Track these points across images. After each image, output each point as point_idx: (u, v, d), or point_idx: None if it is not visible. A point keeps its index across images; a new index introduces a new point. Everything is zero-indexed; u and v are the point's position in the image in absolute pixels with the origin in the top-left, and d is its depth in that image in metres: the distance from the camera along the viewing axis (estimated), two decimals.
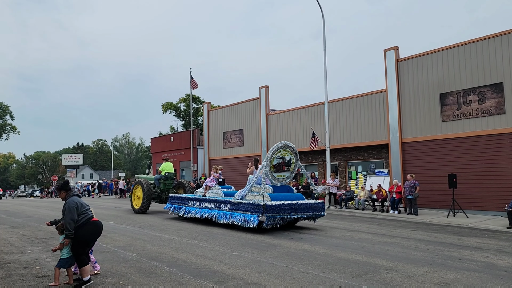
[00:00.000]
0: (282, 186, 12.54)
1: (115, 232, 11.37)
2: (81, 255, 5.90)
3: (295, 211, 11.57)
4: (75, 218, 5.83)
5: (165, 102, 55.80)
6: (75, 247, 5.86)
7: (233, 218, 11.86)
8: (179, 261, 7.52)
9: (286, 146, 12.23)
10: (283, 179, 12.47)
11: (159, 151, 39.80)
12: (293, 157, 12.48)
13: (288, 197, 12.02)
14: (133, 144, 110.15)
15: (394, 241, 9.78)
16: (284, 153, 12.30)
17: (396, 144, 18.97)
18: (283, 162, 12.33)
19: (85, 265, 5.90)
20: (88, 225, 5.98)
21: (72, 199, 5.95)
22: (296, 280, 6.16)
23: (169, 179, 17.82)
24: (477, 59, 16.46)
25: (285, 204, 11.36)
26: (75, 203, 5.90)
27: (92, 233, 6.08)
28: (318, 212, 12.25)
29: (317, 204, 12.21)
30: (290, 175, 12.66)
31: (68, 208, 5.81)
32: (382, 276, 6.43)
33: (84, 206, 6.03)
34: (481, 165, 16.10)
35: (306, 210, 11.90)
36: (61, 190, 6.12)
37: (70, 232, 5.76)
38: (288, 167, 12.48)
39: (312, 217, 12.31)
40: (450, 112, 17.21)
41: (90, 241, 6.12)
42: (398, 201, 16.38)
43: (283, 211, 11.29)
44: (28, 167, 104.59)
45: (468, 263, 7.39)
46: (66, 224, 5.75)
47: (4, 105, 64.37)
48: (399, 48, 19.36)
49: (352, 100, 21.55)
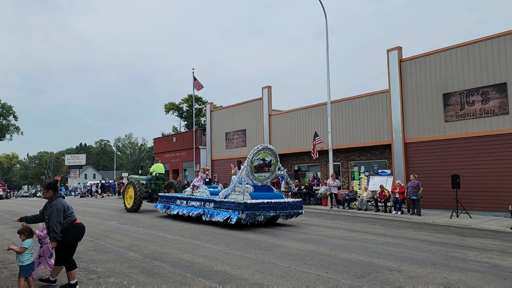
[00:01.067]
0: (263, 185, 13.40)
1: (118, 232, 11.40)
2: (70, 258, 5.80)
3: (273, 209, 12.43)
4: (62, 221, 5.67)
5: (168, 102, 55.93)
6: (63, 251, 5.73)
7: (217, 215, 12.58)
8: (182, 261, 7.53)
9: (266, 149, 13.31)
10: (264, 179, 13.41)
11: (162, 152, 39.87)
12: (273, 158, 13.45)
13: (268, 196, 12.86)
14: (135, 144, 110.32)
15: (397, 242, 9.76)
16: (265, 154, 13.33)
17: (399, 145, 18.93)
18: (263, 163, 13.34)
19: (74, 268, 5.83)
20: (73, 228, 5.86)
21: (59, 200, 5.80)
22: (299, 281, 6.16)
23: (160, 179, 18.57)
24: (481, 59, 16.41)
25: (264, 203, 12.21)
26: (62, 206, 5.75)
27: (77, 235, 5.95)
28: (296, 210, 13.05)
29: (295, 203, 13.05)
30: (270, 176, 13.58)
31: (56, 211, 5.64)
32: (386, 276, 6.42)
33: (69, 208, 5.89)
34: (485, 166, 16.05)
35: (285, 208, 12.73)
36: (49, 189, 5.90)
37: (58, 235, 5.58)
38: (269, 168, 13.46)
39: (291, 214, 13.04)
40: (453, 112, 17.16)
41: (75, 244, 5.99)
42: (401, 201, 16.34)
43: (262, 209, 12.13)
44: (31, 167, 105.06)
45: (471, 264, 7.37)
46: (53, 227, 5.57)
47: (7, 106, 64.53)
48: (402, 48, 19.32)
49: (355, 100, 21.52)
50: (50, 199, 5.85)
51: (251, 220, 12.01)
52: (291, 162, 26.47)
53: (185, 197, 14.73)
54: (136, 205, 17.57)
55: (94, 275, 6.54)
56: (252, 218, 11.97)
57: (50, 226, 5.65)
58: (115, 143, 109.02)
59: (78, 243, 6.07)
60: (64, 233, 5.68)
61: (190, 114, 51.81)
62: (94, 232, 11.48)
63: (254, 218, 12.04)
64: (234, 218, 11.81)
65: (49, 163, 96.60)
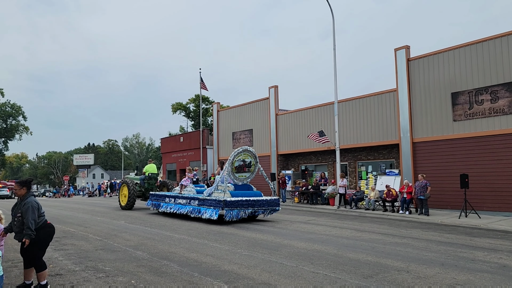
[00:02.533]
0: (243, 184, 14.64)
1: (126, 231, 11.47)
2: (41, 258, 5.74)
3: (252, 206, 13.59)
4: (37, 219, 5.62)
5: (175, 102, 56.12)
6: (35, 251, 5.64)
7: (200, 212, 13.78)
8: (189, 260, 7.55)
9: (246, 151, 14.51)
10: (244, 178, 14.66)
11: (169, 151, 40.01)
12: (253, 160, 14.66)
13: (247, 194, 13.98)
14: (143, 144, 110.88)
15: (405, 242, 9.71)
16: (245, 156, 14.52)
17: (407, 144, 18.81)
18: (244, 164, 14.55)
19: (45, 269, 5.75)
20: (46, 228, 5.83)
21: (33, 199, 5.73)
22: (307, 280, 6.15)
23: (152, 179, 19.88)
24: (490, 57, 16.25)
25: (243, 200, 13.35)
26: (37, 204, 5.68)
27: (50, 235, 5.92)
28: (273, 207, 14.30)
29: (272, 200, 14.26)
30: (250, 175, 14.79)
31: (32, 208, 5.55)
32: (394, 276, 6.39)
33: (41, 208, 5.85)
34: (494, 165, 15.89)
35: (263, 205, 13.96)
36: (23, 187, 5.78)
37: (33, 232, 5.50)
38: (249, 169, 14.68)
39: (268, 211, 14.24)
40: (462, 111, 17.01)
41: (48, 244, 5.94)
42: (409, 201, 16.23)
43: (241, 206, 13.29)
44: (40, 167, 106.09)
45: (481, 264, 7.31)
46: (29, 224, 5.47)
47: (16, 106, 65.23)
48: (409, 47, 19.20)
49: (362, 99, 21.42)
50: (23, 197, 5.74)
51: (232, 216, 13.00)
52: (298, 162, 26.43)
53: (173, 195, 15.87)
54: (130, 203, 18.71)
55: (103, 274, 6.59)
56: (232, 214, 13.01)
57: (24, 223, 5.53)
58: (122, 143, 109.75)
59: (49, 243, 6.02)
60: (38, 232, 5.62)
61: (197, 114, 51.94)
62: (102, 231, 11.57)
63: (234, 214, 13.08)
64: (215, 215, 12.97)
65: (57, 163, 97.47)
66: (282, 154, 26.63)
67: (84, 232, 11.40)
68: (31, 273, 5.77)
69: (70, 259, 7.78)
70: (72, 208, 21.05)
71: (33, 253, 5.64)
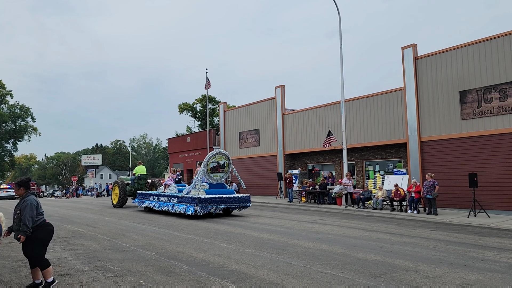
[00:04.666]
0: (218, 183, 16.21)
1: (134, 231, 11.54)
2: (43, 256, 5.75)
3: (224, 203, 15.22)
4: (34, 217, 5.64)
5: (182, 102, 56.29)
6: (36, 249, 5.66)
7: (179, 208, 15.35)
8: (197, 260, 7.58)
9: (220, 153, 16.23)
10: (218, 178, 16.25)
11: (176, 151, 40.16)
12: (226, 161, 16.34)
13: (220, 192, 15.64)
14: (150, 144, 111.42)
15: (413, 241, 9.65)
16: (219, 158, 16.15)
17: (414, 143, 18.70)
18: (218, 165, 16.18)
19: (48, 266, 5.76)
20: (46, 226, 5.84)
21: (32, 197, 5.76)
22: (315, 280, 6.14)
23: (142, 179, 21.46)
24: (498, 55, 16.09)
25: (215, 197, 14.99)
26: (36, 202, 5.71)
27: (50, 233, 5.92)
28: (244, 203, 15.86)
29: (243, 197, 15.87)
30: (224, 175, 16.43)
31: (30, 205, 5.58)
32: (402, 276, 6.35)
33: (41, 207, 5.86)
34: (503, 164, 15.73)
35: (234, 202, 15.53)
36: (21, 187, 5.79)
37: (29, 229, 5.51)
38: (223, 169, 16.34)
39: (239, 207, 15.83)
40: (470, 110, 16.87)
41: (48, 242, 5.93)
42: (417, 200, 16.13)
43: (214, 202, 14.91)
44: (49, 167, 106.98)
45: (490, 264, 7.24)
46: (25, 221, 5.50)
47: (25, 107, 65.88)
48: (417, 46, 19.07)
49: (369, 98, 21.33)
50: (23, 196, 5.77)
51: (206, 211, 14.63)
52: (305, 161, 26.39)
53: (156, 194, 17.59)
54: (120, 202, 20.37)
55: (111, 274, 6.63)
56: (205, 210, 14.61)
57: (21, 220, 5.56)
58: (130, 143, 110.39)
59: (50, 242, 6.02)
60: (37, 231, 5.64)
61: (203, 114, 52.06)
62: (111, 231, 11.64)
63: (207, 210, 14.71)
64: (190, 210, 14.53)
65: (66, 164, 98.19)
66: (288, 153, 26.61)
67: (92, 232, 11.48)
68: (39, 272, 5.79)
69: (79, 259, 7.84)
70: (80, 208, 21.21)
71: (33, 252, 5.64)
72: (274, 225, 12.70)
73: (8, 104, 63.99)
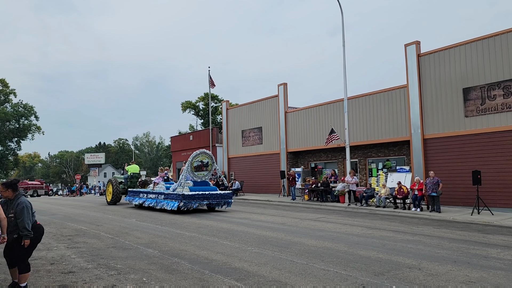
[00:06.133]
0: (202, 181, 17.25)
1: (137, 229, 11.57)
2: (26, 260, 5.59)
3: (207, 199, 16.32)
4: (31, 219, 5.51)
5: (184, 101, 56.33)
6: (25, 252, 5.50)
7: (164, 204, 16.47)
8: (200, 258, 7.59)
9: (204, 153, 17.34)
10: (202, 176, 17.38)
11: (179, 150, 40.20)
12: (209, 160, 17.48)
13: (204, 189, 16.63)
14: (153, 143, 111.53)
15: (416, 239, 9.63)
16: (203, 157, 17.27)
17: (417, 141, 18.64)
18: (202, 164, 17.28)
19: (28, 271, 5.62)
20: (36, 228, 5.71)
21: (25, 199, 5.62)
22: (317, 278, 6.14)
23: (134, 178, 22.35)
24: (502, 52, 16.00)
25: (198, 194, 16.04)
26: (30, 204, 5.57)
27: (40, 236, 5.82)
28: (226, 200, 16.92)
29: (225, 194, 17.02)
30: (208, 174, 17.64)
31: (26, 208, 5.44)
32: (405, 274, 6.34)
33: (32, 208, 5.73)
34: (507, 161, 15.66)
35: (216, 198, 16.60)
36: (8, 188, 5.58)
37: (30, 232, 5.42)
38: (206, 168, 17.45)
39: (222, 203, 16.87)
40: (473, 107, 16.79)
41: (35, 245, 5.80)
42: (420, 198, 16.09)
43: (197, 199, 15.98)
44: (52, 166, 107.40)
45: (494, 262, 7.22)
46: (25, 225, 5.37)
47: (29, 106, 66.05)
48: (420, 43, 19.00)
49: (372, 96, 21.27)
50: (13, 198, 5.59)
51: (189, 207, 15.76)
52: (307, 159, 26.36)
53: (145, 191, 18.83)
54: (114, 199, 21.48)
55: (114, 272, 6.65)
56: (189, 205, 15.71)
57: (18, 224, 5.41)
58: (133, 141, 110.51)
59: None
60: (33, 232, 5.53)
61: (206, 112, 52.08)
62: (114, 229, 11.68)
63: (191, 205, 15.81)
64: (175, 206, 15.67)
65: (69, 162, 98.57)
66: (291, 151, 26.59)
67: (96, 230, 11.52)
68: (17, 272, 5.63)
69: (83, 256, 7.87)
70: (84, 207, 21.29)
71: (20, 255, 5.50)
72: (277, 223, 12.70)
73: (11, 103, 64.20)
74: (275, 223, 12.81)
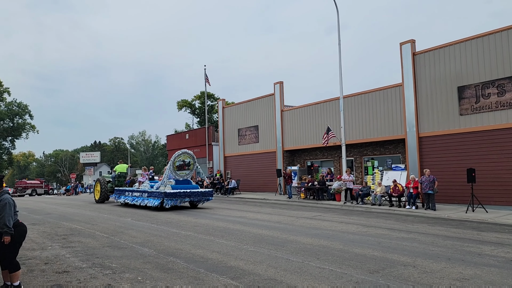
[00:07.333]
0: (184, 180, 18.10)
1: (133, 228, 11.54)
2: (14, 258, 5.51)
3: (188, 196, 17.31)
4: (13, 216, 5.41)
5: (180, 99, 56.25)
6: (9, 250, 5.40)
7: (148, 202, 17.35)
8: (195, 257, 7.58)
9: (185, 153, 18.15)
10: (184, 175, 18.22)
11: (175, 148, 40.03)
12: (191, 160, 18.30)
13: (185, 187, 17.53)
14: (149, 141, 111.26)
15: (411, 237, 9.67)
16: (185, 157, 18.01)
17: (413, 139, 18.70)
18: (184, 163, 18.05)
19: (19, 269, 5.53)
20: (19, 227, 5.59)
21: (8, 196, 5.51)
22: (313, 276, 6.15)
23: (122, 177, 23.17)
24: (496, 50, 16.07)
25: (180, 192, 17.00)
26: (12, 200, 5.47)
27: (23, 234, 5.70)
28: (206, 197, 18.02)
29: (206, 192, 18.02)
30: (190, 173, 18.45)
31: (8, 205, 5.35)
32: (400, 271, 6.36)
33: (16, 206, 5.62)
34: (501, 159, 15.75)
35: (197, 195, 17.63)
36: None
37: (10, 229, 5.32)
38: (188, 167, 18.27)
39: (202, 200, 17.97)
40: (468, 105, 16.87)
41: (20, 244, 5.68)
42: (416, 196, 16.15)
43: (179, 196, 16.97)
44: (47, 165, 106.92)
45: (488, 259, 7.26)
46: (6, 221, 5.27)
47: (23, 105, 65.69)
48: (415, 41, 19.04)
49: (368, 94, 21.31)
50: None
51: (171, 204, 16.69)
52: (303, 157, 26.39)
53: (130, 190, 19.77)
54: (102, 198, 22.24)
55: (109, 271, 6.63)
56: (171, 203, 16.62)
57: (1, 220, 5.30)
58: (129, 140, 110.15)
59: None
60: (16, 230, 5.44)
61: (202, 111, 52.01)
62: (109, 228, 11.64)
63: (173, 202, 16.73)
64: (157, 203, 16.64)
65: (64, 161, 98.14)
66: (288, 150, 26.60)
67: (91, 230, 11.47)
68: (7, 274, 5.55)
69: (77, 256, 7.84)
70: (79, 206, 21.20)
71: (4, 254, 5.39)
72: (273, 221, 12.71)
73: (5, 101, 63.80)
74: (271, 221, 12.82)
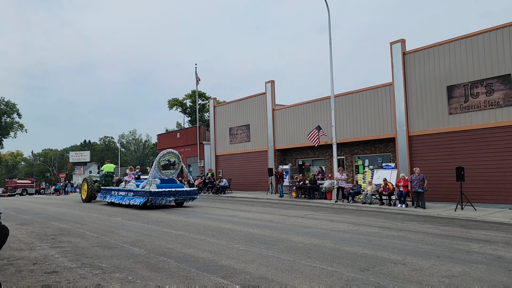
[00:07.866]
0: (169, 179, 18.34)
1: (123, 228, 11.46)
2: None
3: (173, 195, 17.48)
4: None
5: (171, 98, 55.95)
6: None
7: (133, 201, 17.47)
8: (186, 256, 7.55)
9: (170, 152, 18.45)
10: (170, 174, 18.48)
11: (166, 147, 39.83)
12: (176, 159, 18.56)
13: (170, 186, 17.74)
14: (139, 140, 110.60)
15: (401, 235, 9.75)
16: (170, 156, 18.32)
17: (403, 138, 18.86)
18: (169, 163, 18.33)
19: None
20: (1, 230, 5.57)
21: None
22: (304, 274, 6.17)
23: (108, 176, 23.36)
24: (485, 50, 16.27)
25: (165, 191, 17.17)
26: None
27: (4, 238, 5.59)
28: (191, 196, 18.22)
29: (191, 191, 18.23)
30: (175, 172, 18.70)
31: None
32: (390, 269, 6.41)
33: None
34: (489, 158, 15.97)
35: (182, 194, 17.80)
36: None
37: None
38: (173, 166, 18.57)
39: (187, 199, 18.14)
40: (457, 104, 17.05)
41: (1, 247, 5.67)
42: (406, 194, 16.29)
43: (164, 195, 17.13)
44: (36, 164, 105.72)
45: (476, 256, 7.35)
46: None
47: (11, 103, 64.88)
48: (405, 41, 19.20)
49: (358, 94, 21.43)
50: None
51: (156, 203, 16.89)
52: (295, 156, 26.46)
53: (116, 189, 19.89)
54: (88, 197, 22.57)
55: (99, 271, 6.58)
56: (156, 201, 16.86)
57: None
58: (119, 139, 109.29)
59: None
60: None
61: (193, 109, 51.84)
62: (99, 228, 11.55)
63: (158, 201, 16.95)
64: (142, 202, 16.78)
65: (53, 160, 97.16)
66: (279, 149, 26.65)
67: (80, 229, 11.37)
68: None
69: (67, 256, 7.76)
70: (68, 205, 21.00)
71: None
72: (264, 220, 12.73)
73: None
74: (262, 220, 12.83)
